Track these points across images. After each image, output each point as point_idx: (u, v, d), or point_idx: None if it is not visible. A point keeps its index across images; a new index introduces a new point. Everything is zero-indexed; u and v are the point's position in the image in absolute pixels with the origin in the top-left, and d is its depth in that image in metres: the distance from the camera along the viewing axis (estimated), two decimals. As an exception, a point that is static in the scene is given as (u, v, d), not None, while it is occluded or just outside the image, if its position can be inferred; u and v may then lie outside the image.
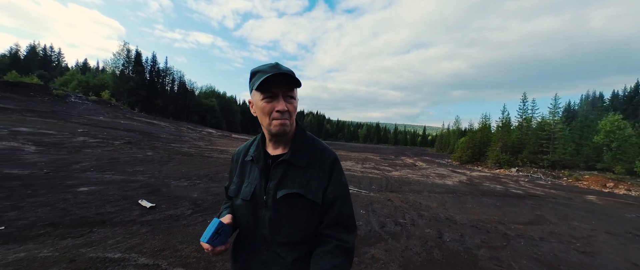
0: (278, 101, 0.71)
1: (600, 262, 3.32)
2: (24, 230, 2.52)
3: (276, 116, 0.72)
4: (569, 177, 16.02)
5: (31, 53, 50.61)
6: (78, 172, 5.22)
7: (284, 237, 0.75)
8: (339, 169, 0.81)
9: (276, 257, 0.75)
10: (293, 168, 0.77)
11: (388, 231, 3.73)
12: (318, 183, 0.77)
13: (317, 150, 0.80)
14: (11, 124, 9.45)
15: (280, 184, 0.76)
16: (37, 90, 25.40)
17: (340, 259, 0.73)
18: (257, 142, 0.84)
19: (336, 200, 0.77)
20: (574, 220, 5.54)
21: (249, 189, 0.79)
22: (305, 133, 0.82)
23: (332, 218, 0.77)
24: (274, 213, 0.75)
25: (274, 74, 0.68)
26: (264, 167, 0.79)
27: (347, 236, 0.77)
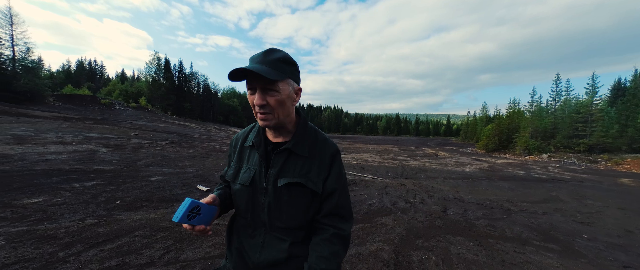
0: (256, 95, 0.70)
1: (594, 230, 3.67)
2: (132, 203, 3.61)
3: (256, 110, 0.72)
4: (608, 161, 14.94)
5: (79, 67, 57.19)
6: (143, 167, 6.52)
7: (283, 222, 0.77)
8: (339, 161, 0.82)
9: (273, 241, 0.78)
10: (294, 157, 0.78)
11: (398, 207, 4.38)
12: (318, 173, 0.78)
13: (318, 142, 0.81)
14: (83, 131, 11.46)
15: (281, 172, 0.77)
16: (89, 101, 29.14)
17: (337, 246, 0.76)
18: (257, 128, 0.84)
19: (335, 191, 0.79)
20: (589, 200, 5.67)
21: (248, 174, 0.80)
22: (307, 123, 0.83)
23: (330, 208, 0.79)
24: (274, 200, 0.76)
25: (237, 69, 0.65)
26: (264, 154, 0.79)
27: (344, 225, 0.79)
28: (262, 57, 0.69)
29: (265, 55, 0.69)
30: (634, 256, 2.87)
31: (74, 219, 2.90)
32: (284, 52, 0.72)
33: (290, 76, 0.71)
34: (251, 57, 0.71)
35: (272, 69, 0.67)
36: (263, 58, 0.68)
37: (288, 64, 0.71)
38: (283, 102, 0.70)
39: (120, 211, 3.25)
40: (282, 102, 0.70)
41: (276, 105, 0.70)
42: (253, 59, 0.70)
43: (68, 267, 1.99)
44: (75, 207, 3.24)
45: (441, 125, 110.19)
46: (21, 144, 7.69)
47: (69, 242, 2.36)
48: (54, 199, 3.47)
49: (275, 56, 0.69)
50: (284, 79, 0.69)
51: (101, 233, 2.60)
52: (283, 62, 0.70)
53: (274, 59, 0.68)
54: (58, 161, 6.25)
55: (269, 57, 0.68)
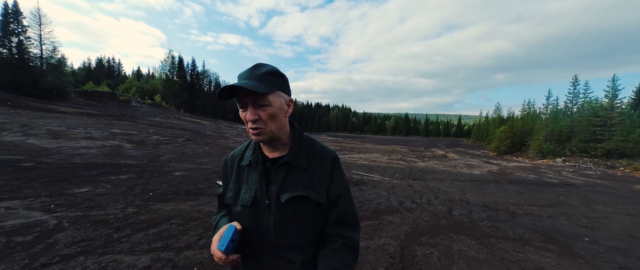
0: (248, 111, 0.70)
1: (597, 234, 3.78)
2: (162, 195, 4.03)
3: (249, 125, 0.71)
4: (627, 167, 14.44)
5: (99, 65, 59.79)
6: (166, 163, 7.02)
7: (291, 240, 0.75)
8: (339, 168, 0.81)
9: (283, 261, 0.75)
10: (294, 170, 0.76)
11: (405, 207, 4.61)
12: (320, 183, 0.76)
13: (316, 151, 0.80)
14: (107, 127, 12.25)
15: (283, 187, 0.75)
16: (108, 97, 30.61)
17: (347, 256, 0.74)
18: (252, 146, 0.82)
19: (339, 198, 0.78)
20: (598, 205, 5.68)
21: (249, 194, 0.77)
22: (302, 134, 0.82)
23: (336, 217, 0.77)
24: (279, 217, 0.74)
25: (225, 87, 0.66)
26: (263, 171, 0.78)
27: (352, 233, 0.78)
28: (249, 72, 0.69)
29: (252, 71, 0.70)
30: (633, 259, 3.01)
31: (118, 207, 3.33)
32: (271, 66, 0.72)
33: (279, 88, 0.72)
34: (239, 75, 0.71)
35: (260, 83, 0.67)
36: (250, 73, 0.69)
37: (276, 77, 0.71)
38: (275, 115, 0.71)
39: (154, 202, 3.67)
40: (274, 115, 0.70)
41: (268, 118, 0.70)
42: (241, 76, 0.70)
43: (123, 246, 2.38)
44: (116, 197, 3.68)
45: (452, 126, 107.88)
46: (56, 138, 8.39)
47: (119, 226, 2.77)
48: (97, 189, 3.93)
49: (263, 70, 0.70)
50: (273, 91, 0.70)
51: (143, 220, 3.00)
52: (271, 75, 0.70)
53: (262, 73, 0.69)
54: (90, 155, 6.84)
55: (257, 72, 0.69)
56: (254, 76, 0.68)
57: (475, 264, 2.64)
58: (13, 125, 9.47)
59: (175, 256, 2.31)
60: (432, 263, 2.61)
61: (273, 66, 0.72)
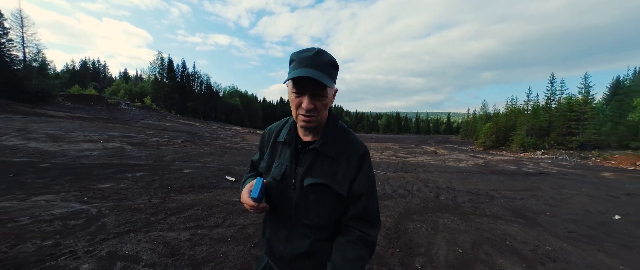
0: (304, 98, 0.70)
1: (558, 210, 4.47)
2: (180, 189, 4.42)
3: (301, 112, 0.72)
4: (598, 158, 15.72)
5: (83, 67, 57.83)
6: (171, 162, 7.32)
7: (309, 220, 0.79)
8: (368, 164, 0.81)
9: (298, 236, 0.80)
10: (322, 157, 0.78)
11: (398, 194, 5.17)
12: (345, 175, 0.78)
13: (347, 142, 0.81)
14: (104, 130, 12.28)
15: (308, 172, 0.78)
16: (96, 100, 29.91)
17: (363, 250, 0.75)
18: (289, 125, 0.85)
19: (362, 195, 0.78)
20: (566, 189, 6.46)
21: (279, 169, 0.82)
22: (337, 123, 0.83)
23: (357, 211, 0.78)
24: (301, 198, 0.79)
25: (302, 76, 0.66)
26: (294, 152, 0.81)
27: (371, 230, 0.78)
28: (312, 59, 0.68)
29: (316, 58, 0.69)
30: (583, 227, 3.67)
31: (144, 198, 3.70)
32: (332, 56, 0.72)
33: (335, 80, 0.74)
34: (299, 58, 0.69)
35: (325, 74, 0.68)
36: (314, 61, 0.68)
37: (335, 68, 0.73)
38: (327, 106, 0.74)
39: (174, 194, 4.05)
40: (327, 106, 0.74)
41: (322, 108, 0.72)
42: (302, 60, 0.69)
43: (162, 226, 2.80)
44: (139, 191, 4.04)
45: (442, 123, 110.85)
46: (57, 142, 8.49)
47: (153, 212, 3.17)
48: (119, 185, 4.27)
49: (327, 60, 0.70)
50: (332, 85, 0.71)
51: (171, 207, 3.41)
52: (332, 66, 0.71)
53: (326, 62, 0.69)
54: (95, 157, 7.05)
55: (321, 60, 0.69)
56: (318, 65, 0.68)
57: (456, 233, 3.21)
58: (9, 129, 9.44)
59: (208, 232, 2.75)
60: (421, 233, 3.16)
61: (332, 56, 0.72)
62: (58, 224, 2.62)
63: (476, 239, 3.04)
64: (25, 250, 2.08)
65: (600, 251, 2.89)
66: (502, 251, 2.77)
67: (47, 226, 2.56)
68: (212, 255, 2.28)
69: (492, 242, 2.98)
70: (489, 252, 2.72)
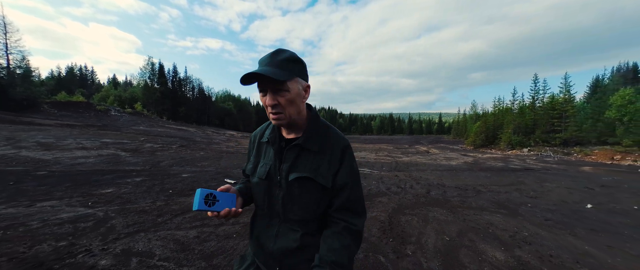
0: (267, 96, 0.73)
1: (538, 201, 4.83)
2: (181, 192, 4.54)
3: (269, 110, 0.75)
4: (579, 153, 16.54)
5: (69, 73, 56.31)
6: (168, 167, 7.37)
7: (295, 215, 0.81)
8: (350, 156, 0.84)
9: (286, 231, 0.82)
10: (305, 152, 0.81)
11: (392, 191, 5.44)
12: (328, 168, 0.80)
13: (329, 137, 0.84)
14: (96, 137, 12.12)
15: (292, 167, 0.81)
16: (84, 107, 29.27)
17: (348, 239, 0.78)
18: (272, 125, 0.88)
19: (346, 185, 0.81)
20: (547, 183, 6.89)
21: (264, 168, 0.85)
22: (319, 119, 0.85)
23: (341, 202, 0.81)
24: (287, 193, 0.81)
25: (248, 73, 0.68)
26: (278, 150, 0.84)
27: (356, 220, 0.81)
28: (270, 58, 0.72)
29: (273, 57, 0.72)
30: (558, 215, 4.02)
31: (147, 201, 3.82)
32: (291, 52, 0.75)
33: (298, 75, 0.75)
34: (260, 60, 0.74)
35: (280, 70, 0.70)
36: (271, 60, 0.72)
37: (295, 63, 0.74)
38: (293, 101, 0.74)
39: (176, 197, 4.18)
40: (292, 101, 0.74)
41: (287, 104, 0.73)
42: (262, 61, 0.73)
43: (170, 225, 2.95)
44: (141, 195, 4.15)
45: (434, 123, 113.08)
46: (49, 150, 8.39)
47: (159, 213, 3.31)
48: (120, 190, 4.36)
49: (283, 56, 0.73)
50: (292, 78, 0.73)
51: (175, 209, 3.54)
52: (290, 61, 0.73)
53: (282, 59, 0.72)
54: (90, 164, 7.04)
55: (277, 58, 0.72)
56: (274, 62, 0.71)
57: (444, 224, 3.48)
58: (-3, 138, 9.25)
59: (214, 230, 2.91)
60: (412, 225, 3.42)
61: (293, 52, 0.75)
62: (68, 227, 2.74)
63: (462, 229, 3.31)
64: (43, 250, 2.21)
65: (571, 235, 3.21)
66: (485, 238, 3.05)
67: (58, 229, 2.68)
68: (220, 249, 2.46)
69: (476, 231, 3.26)
70: (473, 239, 2.99)
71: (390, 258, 2.51)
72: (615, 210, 4.34)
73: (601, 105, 22.45)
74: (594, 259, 2.61)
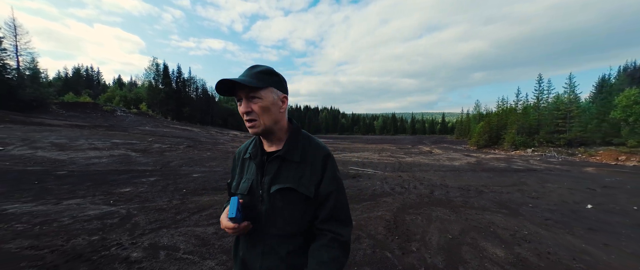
0: (241, 104, 0.76)
1: (539, 201, 4.95)
2: (194, 191, 4.75)
3: (245, 118, 0.76)
4: (583, 154, 16.49)
5: (76, 74, 57.24)
6: (177, 167, 7.61)
7: (279, 229, 0.80)
8: (332, 164, 0.84)
9: (272, 249, 0.80)
10: (287, 163, 0.81)
11: (396, 191, 5.60)
12: (310, 178, 0.80)
13: (310, 147, 0.84)
14: (106, 138, 12.45)
15: (274, 179, 0.80)
16: (91, 108, 29.80)
17: (336, 251, 0.77)
18: (254, 141, 0.90)
19: (330, 195, 0.80)
20: (549, 183, 6.99)
21: (247, 184, 0.84)
22: (299, 130, 0.86)
23: (326, 213, 0.80)
24: (270, 206, 0.80)
25: (221, 80, 0.72)
26: (260, 163, 0.83)
27: (343, 230, 0.80)
28: (246, 71, 0.77)
29: (249, 70, 0.77)
30: (558, 215, 4.15)
31: (164, 200, 4.04)
32: (267, 66, 0.78)
33: (273, 85, 0.77)
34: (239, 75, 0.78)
35: (253, 79, 0.74)
36: (247, 72, 0.76)
37: (270, 75, 0.78)
38: (267, 109, 0.76)
39: (190, 196, 4.40)
40: (266, 109, 0.75)
41: (260, 111, 0.75)
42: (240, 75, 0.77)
43: (189, 222, 3.15)
44: (157, 194, 4.37)
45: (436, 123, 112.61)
46: (64, 150, 8.69)
47: (177, 212, 3.52)
48: (138, 189, 4.59)
49: (258, 69, 0.77)
50: (265, 86, 0.75)
51: (191, 207, 3.75)
52: (265, 73, 0.77)
53: (257, 71, 0.76)
54: (104, 164, 7.31)
55: (253, 71, 0.76)
56: (249, 74, 0.76)
57: (447, 223, 3.64)
58: (13, 139, 9.59)
59: (230, 227, 3.11)
60: (416, 223, 3.58)
61: (268, 66, 0.79)
62: (97, 223, 2.96)
63: (464, 227, 3.47)
64: (79, 244, 2.42)
65: (569, 234, 3.35)
66: (486, 236, 3.20)
67: (88, 225, 2.90)
68: (238, 245, 2.65)
69: (478, 230, 3.41)
70: (475, 237, 3.15)
71: (396, 254, 2.68)
72: (615, 211, 4.45)
73: (606, 105, 22.29)
74: (590, 256, 2.76)
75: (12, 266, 2.01)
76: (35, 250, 2.26)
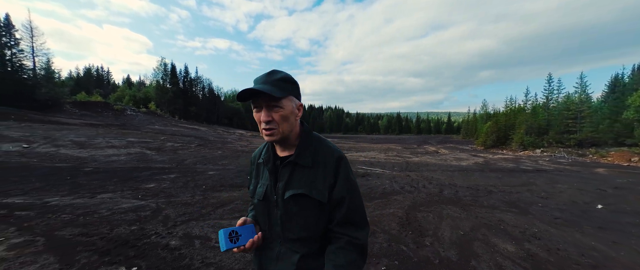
0: (262, 112, 0.76)
1: (548, 201, 5.03)
2: (213, 187, 4.99)
3: (263, 126, 0.76)
4: (595, 155, 16.24)
5: (87, 74, 58.76)
6: (192, 165, 7.90)
7: (294, 233, 0.81)
8: (345, 167, 0.82)
9: (287, 253, 0.81)
10: (299, 168, 0.81)
11: (406, 190, 5.74)
12: (324, 182, 0.80)
13: (321, 149, 0.84)
14: (122, 136, 12.90)
15: (287, 185, 0.81)
16: (102, 107, 30.62)
17: (353, 254, 0.77)
18: (267, 146, 0.89)
19: (344, 198, 0.80)
20: (559, 184, 7.01)
21: (262, 189, 0.86)
22: (310, 134, 0.86)
23: (342, 216, 0.79)
24: (284, 212, 0.81)
25: (244, 90, 0.71)
26: (273, 169, 0.84)
27: (359, 233, 0.79)
28: (265, 77, 0.77)
29: (268, 76, 0.77)
30: (567, 214, 4.23)
31: (187, 196, 4.29)
32: (285, 73, 0.79)
33: (292, 93, 0.79)
34: (255, 79, 0.78)
35: (275, 88, 0.74)
36: (267, 78, 0.76)
37: (289, 83, 0.79)
38: (287, 117, 0.77)
39: (211, 192, 4.64)
40: (286, 117, 0.77)
41: (280, 120, 0.76)
42: (257, 80, 0.77)
43: (214, 215, 3.38)
44: (180, 190, 4.63)
45: (442, 123, 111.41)
46: (84, 148, 9.10)
47: (202, 206, 3.75)
48: (161, 185, 4.86)
49: (278, 76, 0.77)
50: (286, 96, 0.77)
51: (214, 202, 3.99)
52: (285, 81, 0.78)
53: (277, 78, 0.77)
54: (123, 161, 7.65)
55: (272, 78, 0.76)
56: (269, 81, 0.75)
57: (458, 220, 3.78)
58: (36, 137, 10.06)
59: (253, 221, 3.33)
60: (428, 220, 3.73)
61: (287, 73, 0.80)
62: (132, 215, 3.21)
63: (475, 225, 3.61)
64: (122, 232, 2.67)
65: (578, 232, 3.45)
66: (496, 233, 3.34)
67: (125, 216, 3.15)
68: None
69: (488, 227, 3.54)
70: (485, 234, 3.29)
71: (411, 247, 2.84)
72: (625, 211, 4.50)
73: (619, 105, 21.80)
74: (598, 252, 2.87)
75: (70, 250, 2.26)
76: (86, 237, 2.51)
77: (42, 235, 2.50)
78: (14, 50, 25.23)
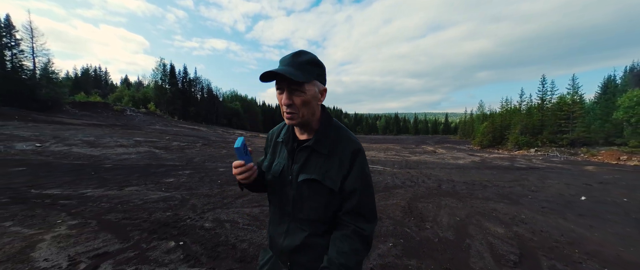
0: (283, 94, 0.75)
1: (537, 194, 5.46)
2: (227, 182, 5.34)
3: (283, 109, 0.77)
4: (586, 153, 16.83)
5: (85, 74, 58.54)
6: (201, 163, 8.23)
7: (304, 215, 0.84)
8: (361, 159, 0.83)
9: (295, 229, 0.85)
10: (315, 154, 0.83)
11: (406, 185, 6.14)
12: (337, 171, 0.81)
13: (340, 139, 0.84)
14: (129, 136, 13.16)
15: (302, 168, 0.83)
16: (102, 107, 30.69)
17: (357, 243, 0.78)
18: (288, 126, 0.91)
19: (356, 190, 0.80)
20: (549, 180, 7.47)
21: (278, 167, 0.88)
22: (331, 121, 0.86)
23: (351, 206, 0.81)
24: (297, 193, 0.83)
25: (267, 71, 0.71)
26: (291, 150, 0.86)
27: (366, 225, 0.81)
28: (291, 59, 0.74)
29: (293, 57, 0.75)
30: (553, 204, 4.67)
31: (206, 189, 4.64)
32: (312, 55, 0.77)
33: (316, 78, 0.78)
34: (281, 59, 0.77)
35: (299, 71, 0.73)
36: (292, 60, 0.74)
37: (315, 66, 0.77)
38: (308, 102, 0.76)
39: (227, 186, 4.99)
40: (307, 102, 0.76)
41: (301, 104, 0.75)
42: (282, 61, 0.76)
43: (236, 205, 3.74)
44: (197, 184, 4.97)
45: (440, 123, 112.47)
46: (95, 147, 9.37)
47: (222, 197, 4.11)
48: (180, 180, 5.20)
49: (304, 58, 0.75)
50: (310, 80, 0.75)
51: (232, 194, 4.34)
52: (310, 64, 0.76)
53: (302, 61, 0.75)
54: (135, 159, 7.95)
55: (298, 60, 0.75)
56: (294, 63, 0.74)
57: (455, 209, 4.18)
58: (46, 137, 10.31)
59: (272, 209, 3.70)
60: (428, 209, 4.13)
61: (314, 55, 0.78)
62: (163, 204, 3.56)
63: (470, 213, 4.01)
64: (159, 217, 3.02)
65: (561, 218, 3.88)
66: (489, 219, 3.74)
67: (157, 205, 3.50)
68: (284, 221, 3.23)
69: (482, 214, 3.95)
70: (479, 220, 3.69)
71: (414, 230, 3.23)
72: (606, 202, 4.95)
73: (610, 106, 22.51)
74: (576, 234, 3.28)
75: (121, 229, 2.61)
76: (130, 220, 2.86)
77: (92, 219, 2.85)
78: (15, 51, 25.30)
